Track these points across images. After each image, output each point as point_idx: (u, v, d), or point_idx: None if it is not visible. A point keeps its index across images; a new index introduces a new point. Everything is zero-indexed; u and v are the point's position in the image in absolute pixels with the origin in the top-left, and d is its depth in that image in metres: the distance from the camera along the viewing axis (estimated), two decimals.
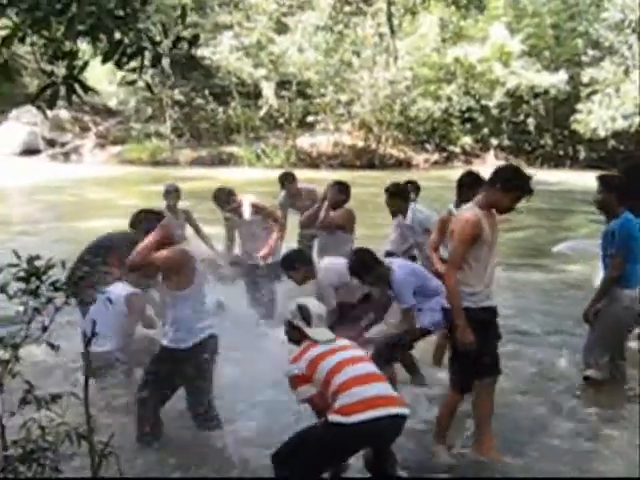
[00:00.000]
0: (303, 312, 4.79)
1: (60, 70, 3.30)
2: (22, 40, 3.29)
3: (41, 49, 3.50)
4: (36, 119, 29.45)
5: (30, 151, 29.93)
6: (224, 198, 8.69)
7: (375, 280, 6.26)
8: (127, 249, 6.89)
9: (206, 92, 30.30)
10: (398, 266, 6.33)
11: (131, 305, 6.44)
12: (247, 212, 8.73)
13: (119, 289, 6.44)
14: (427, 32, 29.81)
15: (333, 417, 4.23)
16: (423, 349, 6.81)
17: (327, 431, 4.26)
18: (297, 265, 7.03)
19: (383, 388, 4.42)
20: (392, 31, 25.26)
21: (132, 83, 3.29)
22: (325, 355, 4.52)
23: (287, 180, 9.41)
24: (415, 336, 6.34)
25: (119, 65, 3.10)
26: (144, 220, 6.40)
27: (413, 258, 7.79)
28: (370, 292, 6.72)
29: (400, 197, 7.83)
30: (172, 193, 9.30)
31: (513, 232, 15.55)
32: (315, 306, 4.91)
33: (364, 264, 6.21)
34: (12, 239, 12.14)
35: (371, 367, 4.55)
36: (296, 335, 4.77)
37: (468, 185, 6.90)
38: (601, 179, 6.47)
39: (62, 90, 3.27)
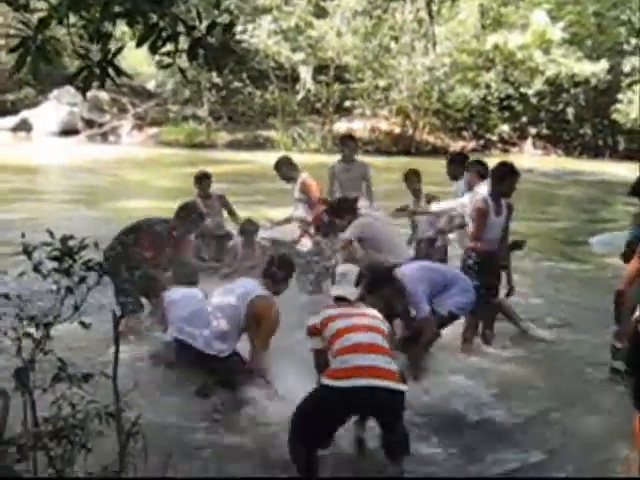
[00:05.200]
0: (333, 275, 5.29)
1: (95, 53, 3.34)
2: (60, 22, 3.33)
3: (79, 31, 3.54)
4: (76, 99, 29.69)
5: (69, 131, 30.18)
6: (279, 168, 8.90)
7: (391, 295, 6.15)
8: (162, 236, 7.04)
9: (244, 75, 30.31)
10: (409, 275, 6.26)
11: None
12: (296, 190, 8.87)
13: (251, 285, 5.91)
14: (467, 18, 29.52)
15: (324, 380, 4.45)
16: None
17: (317, 392, 4.49)
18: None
19: (381, 360, 4.50)
20: (431, 17, 25.02)
21: (167, 67, 3.32)
22: (339, 317, 4.79)
23: (346, 142, 9.37)
24: (444, 322, 6.35)
25: (154, 49, 3.12)
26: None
27: None
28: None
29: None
30: (203, 180, 9.20)
31: (550, 223, 15.47)
32: (344, 267, 5.38)
33: (379, 281, 6.11)
34: (48, 218, 12.26)
35: (378, 338, 4.67)
36: None
37: (498, 177, 6.86)
38: None
39: (97, 73, 3.30)
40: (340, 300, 5.05)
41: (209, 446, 4.98)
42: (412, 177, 8.80)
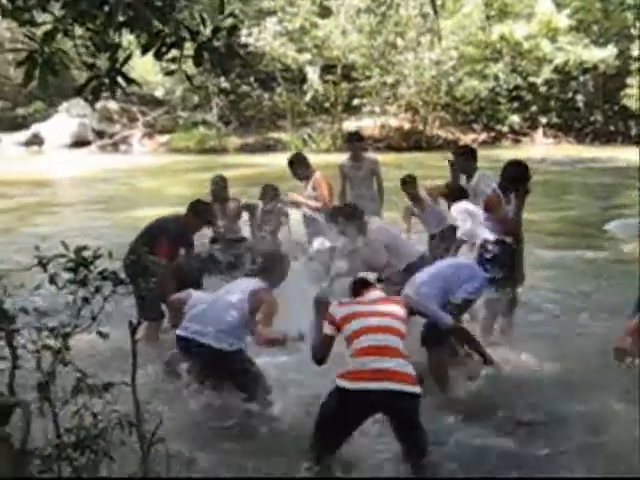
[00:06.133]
0: None
1: (103, 63, 3.36)
2: (66, 34, 3.35)
3: (85, 42, 3.55)
4: (86, 111, 29.87)
5: (80, 143, 30.33)
6: (294, 165, 9.07)
7: None
8: (177, 232, 7.14)
9: (251, 79, 30.36)
10: (416, 296, 6.03)
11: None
12: (309, 187, 8.93)
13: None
14: (471, 10, 29.39)
15: (339, 381, 4.49)
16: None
17: (333, 394, 4.53)
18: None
19: (397, 363, 4.54)
20: (435, 11, 24.95)
21: (171, 73, 3.33)
22: (358, 315, 4.86)
23: (353, 140, 9.43)
24: (459, 310, 6.30)
25: (159, 56, 3.13)
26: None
27: None
28: None
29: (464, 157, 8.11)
30: (219, 184, 9.25)
31: (566, 211, 15.39)
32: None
33: None
34: (65, 228, 12.34)
35: (394, 340, 4.71)
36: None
37: (510, 178, 6.83)
38: None
39: (106, 82, 3.32)
40: (360, 287, 5.24)
41: (230, 450, 5.00)
42: (410, 182, 8.84)
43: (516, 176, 6.80)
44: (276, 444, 5.08)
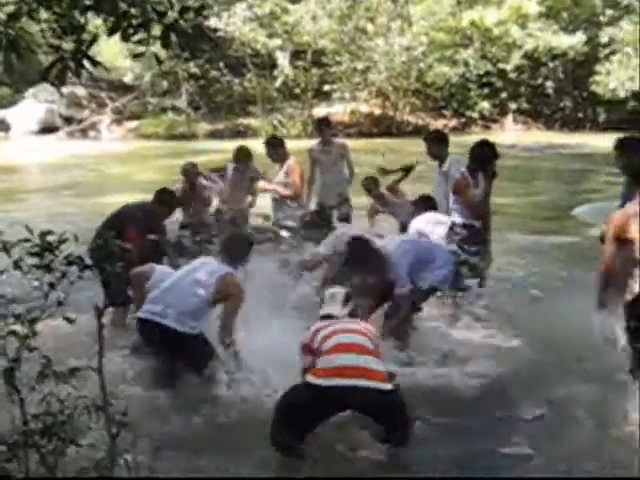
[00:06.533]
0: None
1: (69, 45, 3.30)
2: (31, 16, 3.30)
3: (50, 24, 3.50)
4: (53, 97, 29.41)
5: (48, 129, 29.94)
6: (271, 147, 9.14)
7: (373, 270, 6.11)
8: (144, 220, 7.12)
9: (221, 64, 30.17)
10: (393, 248, 6.30)
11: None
12: (281, 173, 8.94)
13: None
14: None
15: (308, 377, 4.53)
16: None
17: (301, 389, 4.54)
18: None
19: (366, 360, 4.55)
20: None
21: (139, 55, 3.29)
22: (325, 326, 4.92)
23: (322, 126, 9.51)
24: (424, 296, 6.36)
25: (125, 37, 3.09)
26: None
27: None
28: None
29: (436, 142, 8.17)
30: (190, 170, 9.21)
31: (534, 196, 15.52)
32: (332, 289, 5.40)
33: (361, 256, 6.11)
34: (33, 215, 12.20)
35: (364, 340, 4.74)
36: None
37: (478, 160, 6.89)
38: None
39: (72, 65, 3.27)
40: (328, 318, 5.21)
41: (195, 433, 5.01)
42: (371, 184, 8.99)
43: (483, 156, 6.90)
44: (244, 430, 5.07)
